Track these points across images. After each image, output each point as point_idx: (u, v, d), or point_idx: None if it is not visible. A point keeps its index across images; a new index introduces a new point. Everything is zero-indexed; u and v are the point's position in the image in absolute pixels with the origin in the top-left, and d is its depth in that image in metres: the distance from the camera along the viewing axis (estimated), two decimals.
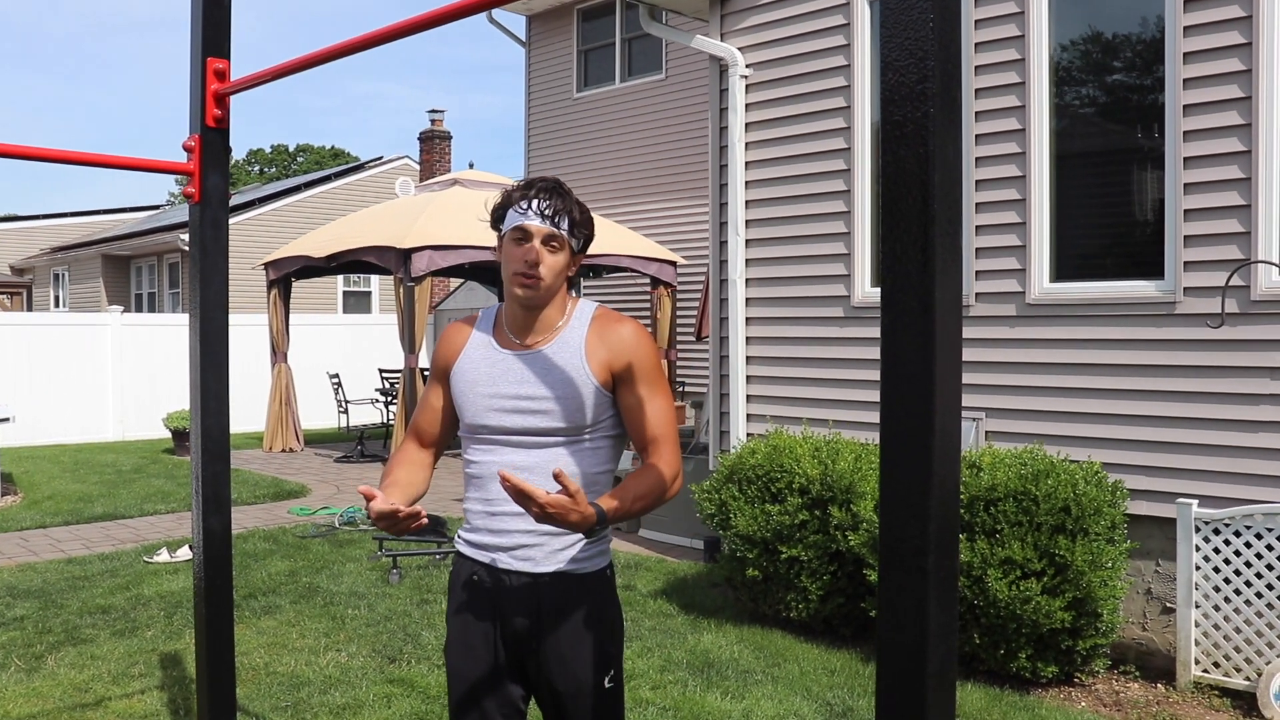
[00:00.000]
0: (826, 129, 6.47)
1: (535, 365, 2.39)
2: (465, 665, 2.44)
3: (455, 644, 2.47)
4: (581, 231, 2.42)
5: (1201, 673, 4.86)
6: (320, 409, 16.91)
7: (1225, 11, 4.93)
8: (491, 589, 2.41)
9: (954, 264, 1.42)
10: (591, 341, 2.39)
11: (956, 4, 1.45)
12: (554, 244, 2.37)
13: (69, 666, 5.15)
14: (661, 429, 2.39)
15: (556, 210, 2.37)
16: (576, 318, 2.44)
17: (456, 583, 2.49)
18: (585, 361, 2.37)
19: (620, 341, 2.38)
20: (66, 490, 10.68)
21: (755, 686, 4.85)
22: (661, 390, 2.41)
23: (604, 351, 2.38)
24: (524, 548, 2.39)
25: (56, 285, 27.84)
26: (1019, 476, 4.84)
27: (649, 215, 14.78)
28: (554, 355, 2.39)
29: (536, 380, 2.37)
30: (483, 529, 2.43)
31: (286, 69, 2.59)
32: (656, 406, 2.39)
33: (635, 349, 2.39)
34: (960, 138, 1.45)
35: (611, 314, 2.46)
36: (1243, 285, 4.88)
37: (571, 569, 2.39)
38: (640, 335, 2.41)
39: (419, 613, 6.04)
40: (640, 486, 2.30)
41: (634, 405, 2.39)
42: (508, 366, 2.41)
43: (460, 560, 2.50)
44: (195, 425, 2.87)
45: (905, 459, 1.41)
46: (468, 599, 2.45)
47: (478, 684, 2.43)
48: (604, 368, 2.37)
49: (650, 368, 2.40)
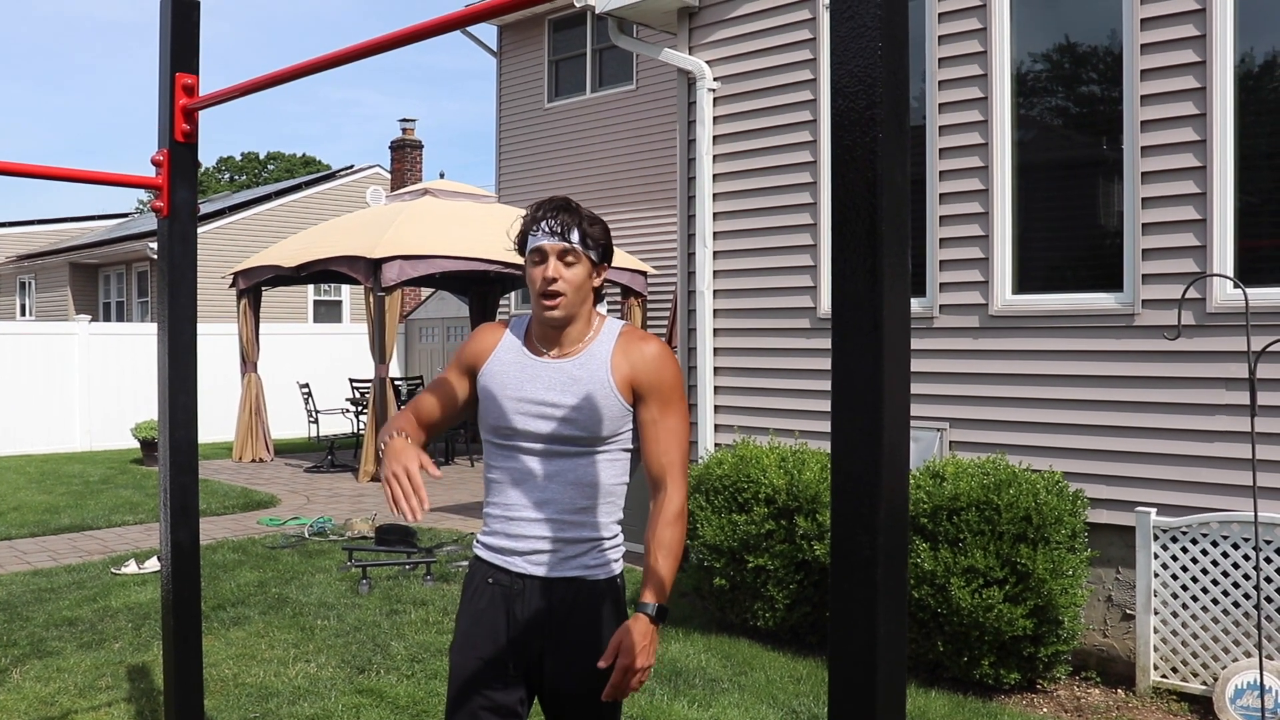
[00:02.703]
0: (793, 142, 6.54)
1: (562, 375, 2.47)
2: (467, 663, 2.50)
3: (461, 643, 2.53)
4: (595, 242, 2.49)
5: (1160, 678, 4.94)
6: (290, 419, 16.83)
7: (1180, 31, 5.04)
8: (505, 591, 2.49)
9: (902, 283, 1.47)
10: (616, 357, 2.47)
11: (904, 32, 1.50)
12: (569, 258, 2.44)
13: (34, 680, 5.12)
14: (671, 454, 2.47)
15: (565, 225, 2.44)
16: (604, 333, 2.52)
17: (471, 584, 2.57)
18: (610, 375, 2.45)
19: (643, 358, 2.47)
20: (32, 501, 10.59)
21: (722, 695, 4.89)
22: (676, 411, 2.48)
23: (627, 367, 2.46)
24: (539, 553, 2.47)
25: (23, 293, 27.56)
26: (981, 486, 4.91)
27: (620, 225, 14.83)
28: (581, 367, 2.47)
29: (563, 389, 2.45)
30: (500, 533, 2.51)
31: (255, 85, 2.62)
32: (669, 427, 2.47)
33: (658, 368, 2.47)
34: (908, 162, 1.50)
35: (638, 331, 2.55)
36: (1199, 298, 4.98)
37: (584, 575, 2.47)
38: (664, 355, 2.49)
39: (388, 623, 6.05)
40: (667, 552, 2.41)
41: (649, 423, 2.47)
42: (536, 373, 2.48)
43: (477, 563, 2.57)
44: (163, 437, 2.88)
45: (855, 473, 1.46)
46: (480, 600, 2.52)
47: (476, 682, 2.48)
48: (626, 383, 2.46)
49: (669, 388, 2.48)
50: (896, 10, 1.46)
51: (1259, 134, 4.92)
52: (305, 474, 12.97)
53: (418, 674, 5.15)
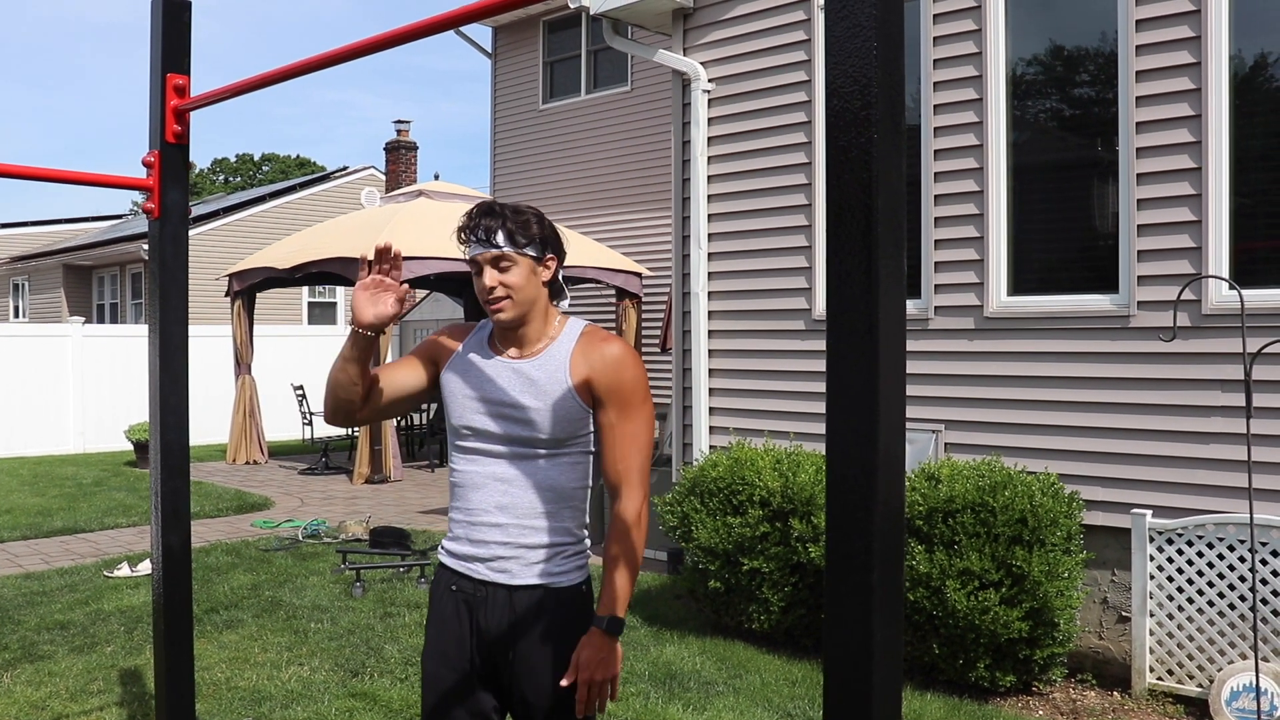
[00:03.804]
0: (788, 144, 6.53)
1: (521, 376, 2.43)
2: (439, 672, 2.48)
3: (431, 651, 2.50)
4: (527, 238, 2.39)
5: (1156, 680, 4.93)
6: (284, 421, 16.79)
7: (1175, 32, 5.04)
8: (469, 599, 2.46)
9: (897, 285, 1.46)
10: (576, 358, 2.42)
11: (900, 32, 1.48)
12: (503, 263, 2.38)
13: (25, 684, 5.10)
14: (628, 460, 2.41)
15: (488, 230, 2.37)
16: (565, 334, 2.47)
17: (436, 591, 2.54)
18: (568, 376, 2.40)
19: (602, 360, 2.41)
20: (25, 504, 10.56)
21: (717, 698, 4.87)
22: (636, 415, 2.42)
23: (586, 368, 2.41)
24: (501, 559, 2.43)
25: (16, 295, 27.49)
26: (977, 488, 4.91)
27: (615, 227, 14.82)
28: (539, 368, 2.43)
29: (521, 390, 2.41)
30: (463, 538, 2.49)
31: (247, 86, 2.60)
32: (627, 432, 2.41)
33: (617, 369, 2.41)
34: (904, 163, 1.49)
35: (599, 332, 2.49)
36: (1194, 300, 4.98)
37: (547, 582, 2.43)
38: (624, 357, 2.42)
39: (382, 626, 6.02)
40: (621, 563, 2.38)
41: (606, 426, 2.42)
42: (495, 373, 2.45)
43: (441, 569, 2.55)
44: (154, 440, 2.87)
45: (849, 475, 1.44)
46: (445, 608, 2.50)
47: (449, 691, 2.46)
48: (585, 384, 2.40)
49: (629, 391, 2.41)
50: (892, 10, 1.44)
51: (1254, 135, 4.92)
52: (299, 476, 12.94)
53: (411, 677, 5.13)
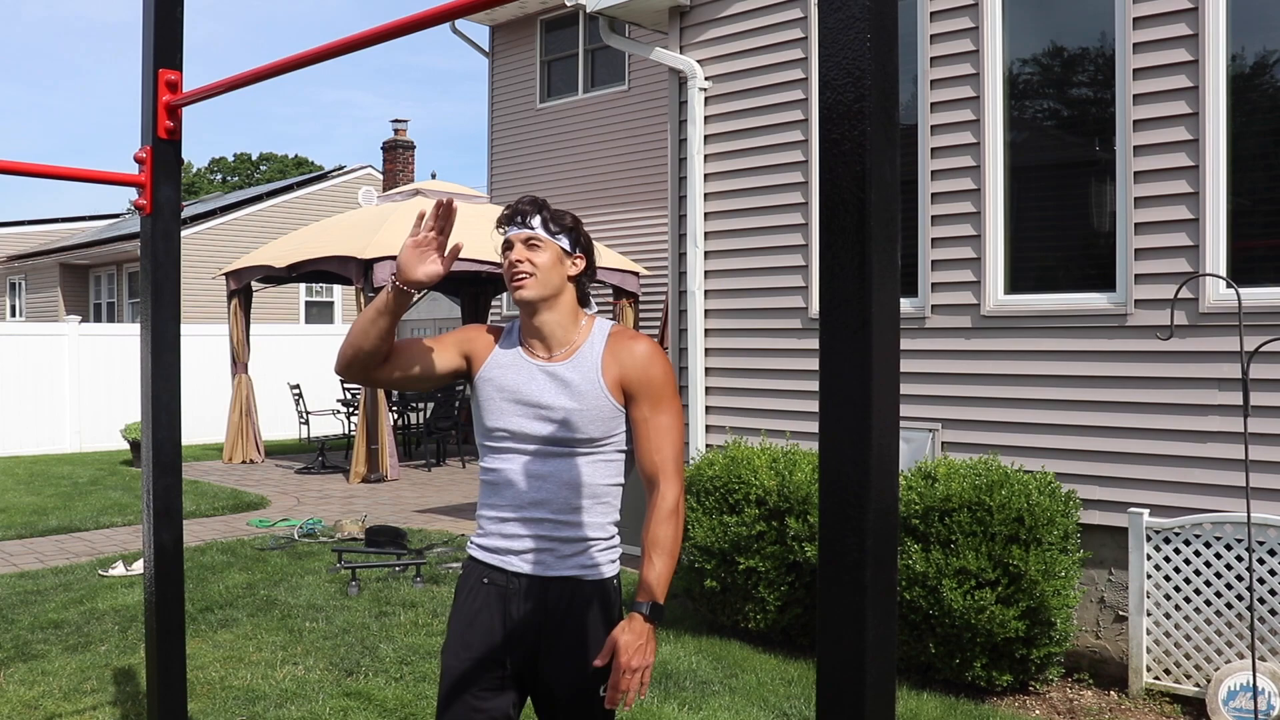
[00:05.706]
0: (785, 142, 6.51)
1: (556, 379, 2.48)
2: (460, 665, 2.48)
3: (453, 644, 2.51)
4: (561, 227, 2.50)
5: (1153, 680, 4.92)
6: (281, 420, 16.76)
7: (1172, 30, 5.02)
8: (502, 591, 2.48)
9: (891, 280, 1.44)
10: (606, 358, 2.49)
11: (894, 25, 1.47)
12: (534, 243, 2.47)
13: (18, 683, 5.08)
14: (663, 451, 2.46)
15: (525, 214, 2.48)
16: (595, 335, 2.54)
17: (465, 585, 2.56)
18: (601, 376, 2.47)
19: (632, 358, 2.48)
20: (20, 503, 10.53)
21: (713, 697, 4.86)
22: (668, 409, 2.48)
23: (617, 367, 2.47)
24: (535, 552, 2.47)
25: (13, 294, 27.46)
26: (973, 487, 4.89)
27: (612, 226, 14.81)
28: (573, 370, 2.48)
29: (556, 391, 2.47)
30: (495, 534, 2.52)
31: (240, 81, 2.58)
32: (660, 425, 2.46)
33: (646, 366, 2.48)
34: (897, 157, 1.47)
35: (627, 331, 2.56)
36: (1191, 298, 4.96)
37: (579, 575, 2.48)
38: (652, 353, 2.50)
39: (377, 625, 6.01)
40: (661, 550, 2.37)
41: (640, 421, 2.47)
42: (530, 376, 2.50)
43: (471, 564, 2.57)
44: (146, 437, 2.85)
45: (843, 474, 1.43)
46: (475, 601, 2.52)
47: (469, 684, 2.47)
48: (617, 383, 2.47)
49: (659, 385, 2.48)
50: (886, 3, 1.43)
51: (1251, 133, 4.91)
52: (296, 475, 12.92)
53: (407, 676, 5.11)
